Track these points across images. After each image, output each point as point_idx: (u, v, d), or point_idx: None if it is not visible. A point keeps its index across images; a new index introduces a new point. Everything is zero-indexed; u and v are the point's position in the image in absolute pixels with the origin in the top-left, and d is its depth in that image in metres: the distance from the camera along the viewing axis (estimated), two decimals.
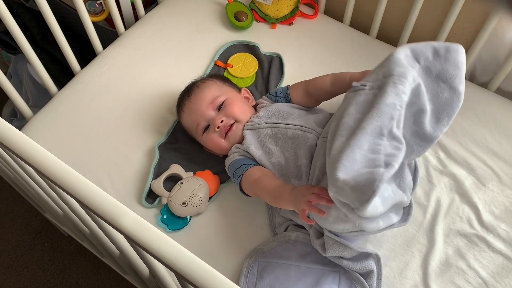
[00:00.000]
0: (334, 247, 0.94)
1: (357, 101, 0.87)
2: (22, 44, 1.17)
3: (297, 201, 0.88)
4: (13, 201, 1.73)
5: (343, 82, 1.09)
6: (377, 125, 0.81)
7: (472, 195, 1.10)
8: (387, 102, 0.82)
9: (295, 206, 0.90)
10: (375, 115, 0.81)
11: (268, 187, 0.97)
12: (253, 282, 0.99)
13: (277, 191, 0.95)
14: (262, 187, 0.99)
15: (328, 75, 1.14)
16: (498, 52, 1.26)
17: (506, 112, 1.23)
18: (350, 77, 1.08)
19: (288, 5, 1.43)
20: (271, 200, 0.99)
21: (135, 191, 1.13)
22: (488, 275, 1.01)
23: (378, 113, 0.81)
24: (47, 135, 1.22)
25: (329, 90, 1.13)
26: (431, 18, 1.34)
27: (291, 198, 0.91)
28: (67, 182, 0.61)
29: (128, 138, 1.21)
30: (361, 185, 0.75)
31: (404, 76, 0.84)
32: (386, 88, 0.83)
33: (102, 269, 1.60)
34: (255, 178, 1.00)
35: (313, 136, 1.03)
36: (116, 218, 0.59)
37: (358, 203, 0.77)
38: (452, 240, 1.05)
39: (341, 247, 0.94)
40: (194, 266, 0.56)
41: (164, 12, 1.47)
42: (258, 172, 1.02)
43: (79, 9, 1.25)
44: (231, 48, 1.38)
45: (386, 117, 0.81)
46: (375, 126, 0.81)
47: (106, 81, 1.31)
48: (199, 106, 1.11)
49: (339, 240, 0.93)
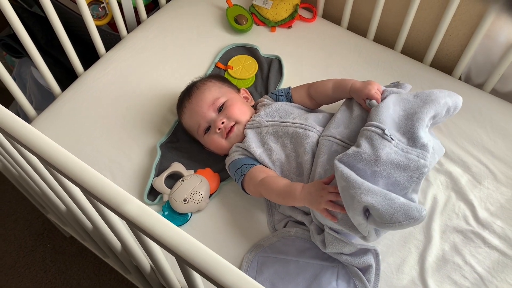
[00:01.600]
0: (334, 243, 0.96)
1: (389, 157, 0.91)
2: (28, 47, 1.20)
3: (315, 201, 0.93)
4: (16, 203, 1.75)
5: (344, 89, 1.12)
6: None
7: (468, 193, 1.12)
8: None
9: (313, 206, 0.94)
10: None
11: (275, 188, 1.00)
12: (253, 276, 1.00)
13: (286, 191, 0.98)
14: (269, 188, 1.01)
15: (330, 80, 1.16)
16: (492, 53, 1.28)
17: (501, 113, 1.25)
18: (351, 85, 1.10)
19: (287, 9, 1.46)
20: (280, 200, 1.02)
21: (137, 189, 1.15)
22: (484, 270, 1.02)
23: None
24: (50, 135, 1.20)
25: (330, 95, 1.16)
26: (427, 21, 1.36)
27: (303, 196, 0.95)
28: (72, 170, 0.63)
29: (130, 138, 1.23)
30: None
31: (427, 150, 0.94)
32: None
33: (104, 270, 1.61)
34: (259, 179, 1.03)
35: (313, 134, 1.06)
36: (120, 204, 0.61)
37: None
38: (448, 236, 1.07)
39: (341, 243, 0.96)
40: (196, 250, 0.58)
41: (165, 16, 1.49)
42: (261, 173, 1.04)
43: (84, 13, 1.27)
44: (231, 50, 1.41)
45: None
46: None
47: (108, 83, 1.34)
48: (200, 108, 1.14)
49: (339, 237, 0.95)
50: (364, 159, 0.90)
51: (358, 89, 1.08)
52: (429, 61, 1.38)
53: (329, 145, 1.02)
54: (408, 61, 1.37)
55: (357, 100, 1.09)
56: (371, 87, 1.06)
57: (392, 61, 1.37)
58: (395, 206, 0.82)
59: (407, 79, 1.32)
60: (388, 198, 0.83)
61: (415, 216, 0.82)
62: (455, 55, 1.39)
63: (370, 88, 1.06)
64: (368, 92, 1.05)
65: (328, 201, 0.91)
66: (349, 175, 0.87)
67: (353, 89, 1.09)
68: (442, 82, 1.32)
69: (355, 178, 0.86)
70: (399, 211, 0.82)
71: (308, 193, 0.94)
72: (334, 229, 0.97)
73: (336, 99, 1.17)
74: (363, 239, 0.93)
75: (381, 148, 0.91)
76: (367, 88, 1.06)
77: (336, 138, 1.02)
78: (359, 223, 0.87)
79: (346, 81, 1.13)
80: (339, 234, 0.96)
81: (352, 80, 1.12)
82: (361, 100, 1.07)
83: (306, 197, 0.95)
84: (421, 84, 1.31)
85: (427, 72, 1.34)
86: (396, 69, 1.35)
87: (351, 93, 1.10)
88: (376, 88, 1.06)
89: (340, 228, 0.94)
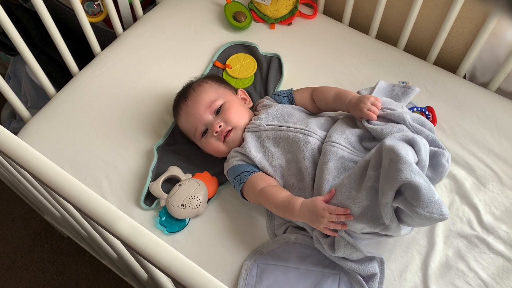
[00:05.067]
0: (345, 248, 0.94)
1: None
2: (19, 46, 1.17)
3: (315, 221, 0.92)
4: (13, 202, 1.73)
5: (343, 103, 1.10)
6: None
7: (472, 196, 1.10)
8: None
9: (313, 225, 0.94)
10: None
11: (274, 202, 0.98)
12: (252, 284, 0.99)
13: (285, 207, 0.97)
14: (267, 199, 0.99)
15: (333, 89, 1.14)
16: (498, 52, 1.25)
17: (507, 112, 1.23)
18: (349, 101, 1.08)
19: (287, 5, 1.42)
20: (279, 213, 1.01)
21: (134, 193, 1.12)
22: (488, 276, 1.00)
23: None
24: (45, 137, 1.21)
25: (331, 104, 1.13)
26: (431, 18, 1.33)
27: (302, 214, 0.94)
28: (62, 187, 0.61)
29: (127, 140, 1.21)
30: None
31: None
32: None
33: (102, 270, 1.60)
34: (258, 189, 1.01)
35: (314, 140, 1.03)
36: (112, 223, 0.58)
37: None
38: (452, 241, 1.05)
39: (351, 248, 0.94)
40: (191, 271, 0.56)
41: (162, 13, 1.46)
42: (261, 182, 1.02)
43: (77, 10, 1.25)
44: (229, 48, 1.37)
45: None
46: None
47: (104, 83, 1.31)
48: (196, 110, 1.11)
49: (351, 241, 0.93)
50: None
51: (352, 107, 1.06)
52: (433, 59, 1.35)
53: (335, 151, 0.99)
54: (411, 59, 1.34)
55: (355, 117, 1.08)
56: (363, 105, 1.03)
57: (395, 59, 1.34)
58: (434, 198, 0.81)
59: (410, 78, 1.29)
60: (431, 188, 0.82)
61: (445, 215, 0.81)
62: (459, 53, 1.36)
63: (362, 107, 1.03)
64: (360, 111, 1.04)
65: (329, 222, 0.89)
66: (401, 150, 0.83)
67: (350, 106, 1.08)
68: (446, 81, 1.29)
69: (407, 156, 0.82)
70: (436, 203, 0.81)
71: (307, 212, 0.93)
72: (348, 232, 0.94)
73: (336, 109, 1.14)
74: (385, 230, 0.89)
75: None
76: (359, 106, 1.04)
77: (341, 144, 1.00)
78: (387, 201, 0.83)
79: (347, 94, 1.10)
80: (352, 238, 0.94)
81: (352, 94, 1.10)
82: (358, 118, 1.06)
83: (305, 216, 0.94)
84: (424, 83, 1.28)
85: (430, 71, 1.31)
86: (399, 67, 1.32)
87: (349, 108, 1.08)
88: (370, 103, 1.03)
89: (359, 225, 0.89)
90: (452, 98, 1.25)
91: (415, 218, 0.83)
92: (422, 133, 1.01)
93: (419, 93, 1.22)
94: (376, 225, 0.88)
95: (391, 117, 1.03)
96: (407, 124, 1.01)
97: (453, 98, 1.25)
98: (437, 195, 0.82)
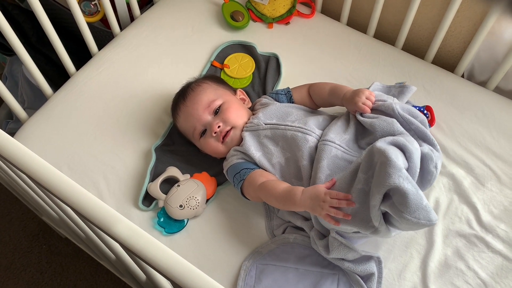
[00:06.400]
0: (339, 249, 0.94)
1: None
2: (15, 46, 1.16)
3: (316, 207, 0.90)
4: (10, 203, 1.73)
5: (338, 97, 1.10)
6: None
7: (471, 195, 1.10)
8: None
9: (315, 212, 0.92)
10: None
11: (275, 193, 0.97)
12: (251, 285, 0.98)
13: (285, 196, 0.96)
14: (268, 192, 0.99)
15: (329, 84, 1.14)
16: (496, 51, 1.25)
17: (505, 111, 1.22)
18: (344, 94, 1.08)
19: (284, 4, 1.42)
20: (280, 205, 1.00)
21: (132, 194, 1.12)
22: (487, 275, 1.00)
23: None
24: (42, 138, 1.21)
25: (327, 99, 1.13)
26: (429, 17, 1.33)
27: (303, 201, 0.93)
28: (60, 190, 0.60)
29: (125, 140, 1.20)
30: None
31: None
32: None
33: (100, 271, 1.59)
34: (258, 183, 1.00)
35: (312, 138, 1.03)
36: (110, 226, 0.58)
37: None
38: (451, 240, 1.04)
39: (345, 249, 0.93)
40: (189, 274, 0.55)
41: (159, 13, 1.45)
42: (261, 177, 1.01)
43: (73, 10, 1.24)
44: (227, 48, 1.37)
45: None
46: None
47: (101, 83, 1.30)
48: (195, 110, 1.10)
49: (344, 242, 0.93)
50: None
51: (347, 101, 1.06)
52: (431, 58, 1.34)
53: (329, 150, 0.99)
54: (409, 58, 1.34)
55: (349, 111, 1.08)
56: (358, 99, 1.04)
57: (393, 58, 1.34)
58: (422, 203, 0.81)
59: (408, 77, 1.29)
60: (419, 193, 0.82)
61: (433, 221, 0.82)
62: (458, 52, 1.36)
63: (357, 100, 1.04)
64: (354, 105, 1.04)
65: (331, 206, 0.88)
66: (392, 154, 0.83)
67: (344, 100, 1.08)
68: (444, 80, 1.28)
69: (397, 161, 0.83)
70: (423, 209, 0.81)
71: (309, 198, 0.92)
72: (340, 233, 0.94)
73: (332, 104, 1.14)
74: (374, 233, 0.89)
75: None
76: (354, 100, 1.04)
77: (336, 143, 1.00)
78: (375, 204, 0.84)
79: (341, 88, 1.10)
80: (345, 239, 0.93)
81: (346, 88, 1.10)
82: (352, 111, 1.06)
83: (307, 203, 0.92)
84: (422, 82, 1.28)
85: (428, 69, 1.31)
86: (397, 67, 1.32)
87: (343, 102, 1.08)
88: (364, 97, 1.04)
89: (349, 227, 0.90)
90: (450, 97, 1.25)
91: (402, 223, 0.83)
92: (412, 124, 1.01)
93: (418, 92, 1.22)
94: (366, 228, 0.88)
95: (381, 108, 1.03)
96: (396, 114, 1.01)
97: (451, 97, 1.25)
98: (425, 200, 0.82)
